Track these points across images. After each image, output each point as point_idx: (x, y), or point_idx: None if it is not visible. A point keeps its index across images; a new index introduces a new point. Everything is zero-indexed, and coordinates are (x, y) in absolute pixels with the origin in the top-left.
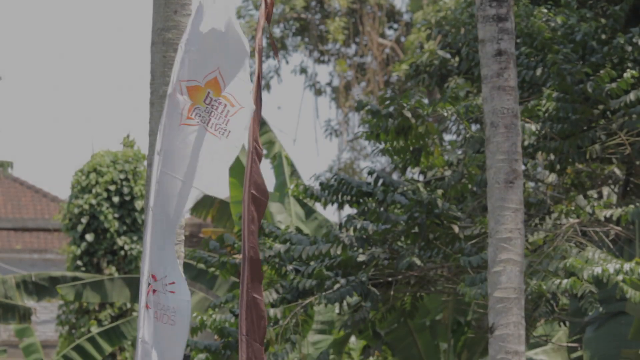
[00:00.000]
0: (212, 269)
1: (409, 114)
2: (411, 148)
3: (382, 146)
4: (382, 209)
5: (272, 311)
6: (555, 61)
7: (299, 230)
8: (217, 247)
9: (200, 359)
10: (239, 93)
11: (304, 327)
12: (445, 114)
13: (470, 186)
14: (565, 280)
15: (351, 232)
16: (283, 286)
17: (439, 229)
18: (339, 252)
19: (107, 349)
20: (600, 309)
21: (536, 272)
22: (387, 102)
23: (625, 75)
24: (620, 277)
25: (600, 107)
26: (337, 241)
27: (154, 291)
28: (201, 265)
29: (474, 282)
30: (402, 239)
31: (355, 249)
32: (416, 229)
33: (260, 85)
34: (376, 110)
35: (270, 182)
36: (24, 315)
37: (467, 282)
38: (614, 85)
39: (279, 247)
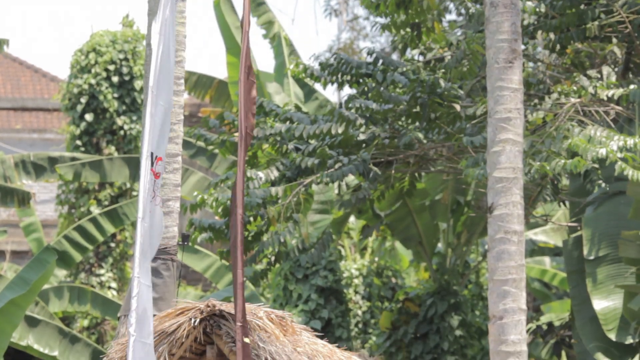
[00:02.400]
0: (211, 147)
1: None
2: (411, 22)
3: (382, 22)
4: (382, 88)
5: (273, 189)
6: None
7: (298, 108)
8: (217, 125)
9: (203, 238)
10: None
11: (304, 206)
12: None
13: (474, 68)
14: (569, 161)
15: (353, 112)
16: (284, 164)
17: (440, 109)
18: (340, 130)
19: (109, 229)
20: (604, 186)
21: (538, 152)
22: None
23: None
24: (621, 155)
25: None
26: (341, 118)
27: (157, 175)
28: (200, 143)
29: (477, 162)
30: (403, 119)
31: (358, 126)
32: (418, 109)
33: None
34: None
35: (269, 63)
36: (23, 199)
37: (469, 163)
38: None
39: (279, 126)
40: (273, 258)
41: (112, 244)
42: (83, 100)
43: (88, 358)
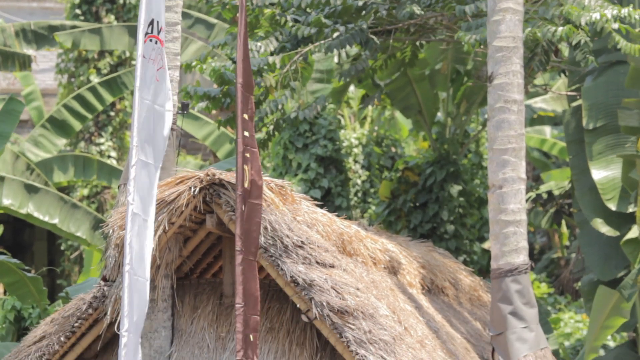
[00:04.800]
0: (213, 9)
1: None
2: None
3: None
4: None
5: (270, 59)
6: None
7: None
8: None
9: (200, 107)
10: None
11: (303, 75)
12: None
13: None
14: (560, 28)
15: None
16: (283, 34)
17: None
18: (338, 1)
19: (108, 98)
20: (594, 61)
21: (532, 19)
22: None
23: None
24: (615, 26)
25: None
26: None
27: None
28: (199, 14)
29: (470, 27)
30: None
31: None
32: None
33: None
34: None
35: None
36: (24, 62)
37: (463, 28)
38: None
39: None
40: (272, 127)
41: (112, 113)
42: None
43: (88, 226)
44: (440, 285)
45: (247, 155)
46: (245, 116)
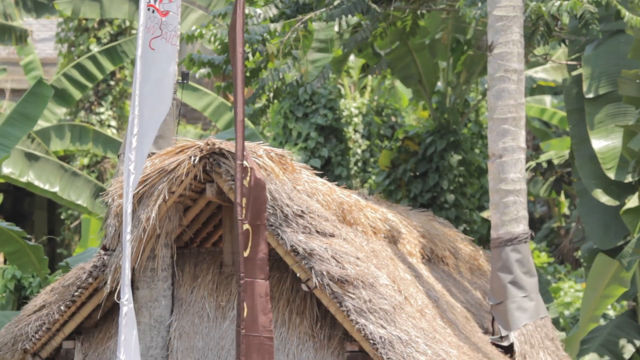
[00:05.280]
0: None
1: None
2: None
3: None
4: None
5: (272, 26)
6: None
7: None
8: None
9: (201, 73)
10: None
11: (304, 43)
12: None
13: None
14: (565, 2)
15: None
16: (282, 1)
17: None
18: None
19: (108, 67)
20: (599, 30)
21: None
22: None
23: None
24: None
25: None
26: None
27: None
28: None
29: (475, 1)
30: None
31: None
32: None
33: None
34: None
35: None
36: (21, 36)
37: (466, 3)
38: None
39: None
40: (272, 95)
41: (112, 82)
42: None
43: (89, 194)
44: (440, 255)
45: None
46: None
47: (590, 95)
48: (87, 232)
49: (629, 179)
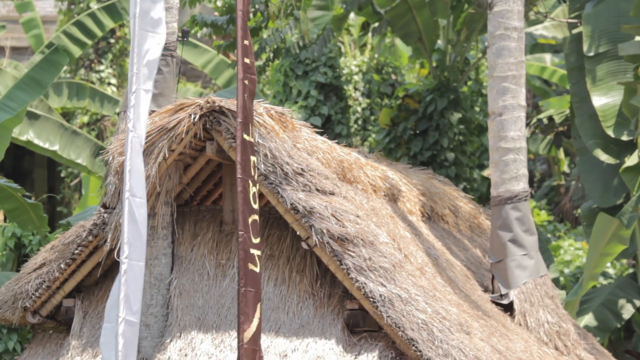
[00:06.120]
0: None
1: None
2: None
3: None
4: None
5: None
6: None
7: None
8: None
9: (203, 33)
10: None
11: (304, 3)
12: None
13: None
14: None
15: None
16: None
17: None
18: None
19: (108, 24)
20: None
21: None
22: None
23: None
24: None
25: None
26: None
27: None
28: None
29: None
30: None
31: None
32: None
33: None
34: None
35: None
36: None
37: None
38: None
39: None
40: (272, 54)
41: (112, 40)
42: None
43: (89, 153)
44: (440, 213)
45: (247, 82)
46: (246, 42)
47: (591, 54)
48: (87, 190)
49: (628, 136)
